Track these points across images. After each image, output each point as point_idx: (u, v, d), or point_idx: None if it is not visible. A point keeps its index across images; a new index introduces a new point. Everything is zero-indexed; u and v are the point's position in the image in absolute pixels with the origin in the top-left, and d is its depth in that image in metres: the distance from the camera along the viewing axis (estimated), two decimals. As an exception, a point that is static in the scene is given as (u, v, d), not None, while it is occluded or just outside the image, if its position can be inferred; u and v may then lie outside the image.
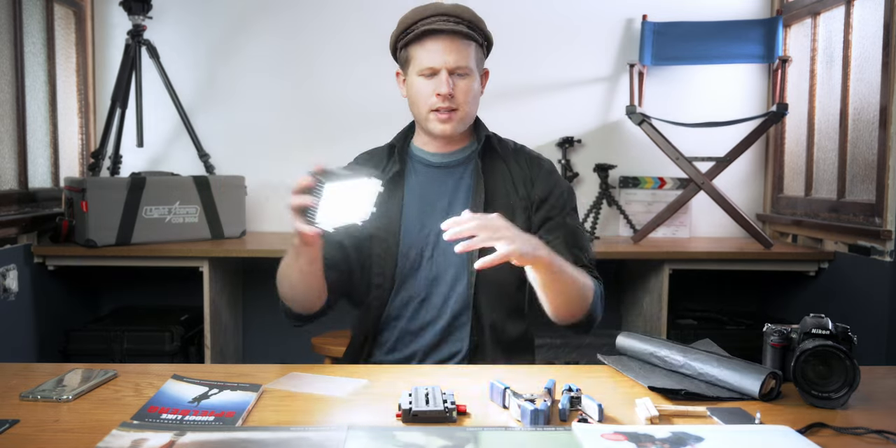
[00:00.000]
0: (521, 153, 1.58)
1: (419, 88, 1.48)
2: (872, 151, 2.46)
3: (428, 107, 1.47)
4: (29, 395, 1.12)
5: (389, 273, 1.50)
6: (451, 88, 1.44)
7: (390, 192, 1.49)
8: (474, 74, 1.48)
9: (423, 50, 1.46)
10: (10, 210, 2.59)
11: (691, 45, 3.03)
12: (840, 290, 2.61)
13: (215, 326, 2.75)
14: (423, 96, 1.47)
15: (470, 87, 1.47)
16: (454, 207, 1.50)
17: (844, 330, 1.16)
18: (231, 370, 1.29)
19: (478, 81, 1.51)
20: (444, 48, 1.45)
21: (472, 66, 1.47)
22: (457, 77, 1.46)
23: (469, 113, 1.50)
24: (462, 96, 1.46)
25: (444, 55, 1.45)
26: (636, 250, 2.77)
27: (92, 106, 3.16)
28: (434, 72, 1.46)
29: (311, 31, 3.16)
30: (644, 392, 1.17)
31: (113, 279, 3.17)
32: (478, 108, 1.54)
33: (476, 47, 1.49)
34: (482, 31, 1.51)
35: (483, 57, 1.54)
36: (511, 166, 1.55)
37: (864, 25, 2.56)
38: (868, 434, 0.99)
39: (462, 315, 1.49)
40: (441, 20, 1.45)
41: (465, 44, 1.46)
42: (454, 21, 1.46)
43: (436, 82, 1.45)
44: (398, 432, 0.97)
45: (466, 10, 1.49)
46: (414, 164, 1.57)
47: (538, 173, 1.54)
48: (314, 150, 3.15)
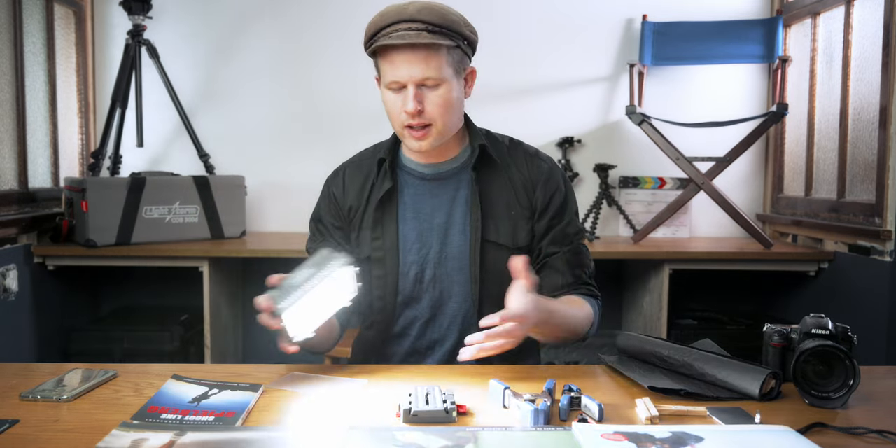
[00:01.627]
0: (517, 152, 1.48)
1: (390, 103, 1.37)
2: (872, 151, 2.46)
3: (400, 123, 1.37)
4: (29, 395, 1.11)
5: (391, 296, 1.44)
6: (418, 104, 1.32)
7: (385, 211, 1.44)
8: (448, 82, 1.35)
9: (388, 63, 1.34)
10: (10, 210, 2.59)
11: (691, 45, 3.03)
12: (840, 290, 2.61)
13: (215, 326, 2.75)
14: (394, 112, 1.37)
15: (444, 97, 1.34)
16: (452, 225, 1.43)
17: (844, 330, 1.16)
18: (231, 370, 1.29)
19: (455, 88, 1.37)
20: (406, 61, 1.31)
21: (443, 74, 1.33)
22: (427, 89, 1.34)
23: (447, 124, 1.37)
24: (435, 109, 1.34)
25: (408, 68, 1.32)
26: (636, 250, 2.77)
27: (92, 106, 3.16)
28: (401, 86, 1.34)
29: (311, 31, 3.16)
30: (644, 392, 1.17)
31: (113, 279, 3.17)
32: (461, 114, 1.42)
33: (449, 51, 1.34)
34: (455, 31, 1.34)
35: (464, 57, 1.39)
36: (511, 172, 1.45)
37: (864, 25, 2.56)
38: (868, 434, 0.99)
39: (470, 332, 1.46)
40: (401, 29, 1.31)
41: (431, 53, 1.32)
42: (417, 28, 1.31)
43: (403, 98, 1.34)
44: (398, 432, 0.97)
45: (433, 12, 1.32)
46: (405, 177, 1.46)
47: (538, 176, 1.45)
48: (314, 150, 3.15)
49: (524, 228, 1.43)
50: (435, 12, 1.33)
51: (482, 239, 1.41)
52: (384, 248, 1.43)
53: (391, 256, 1.43)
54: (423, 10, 1.33)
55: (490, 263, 1.41)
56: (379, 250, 1.43)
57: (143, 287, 3.19)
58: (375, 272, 1.44)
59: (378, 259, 1.43)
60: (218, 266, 2.77)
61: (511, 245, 1.42)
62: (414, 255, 1.43)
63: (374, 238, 1.43)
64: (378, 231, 1.43)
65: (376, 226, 1.43)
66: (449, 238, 1.43)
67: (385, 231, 1.43)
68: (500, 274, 1.34)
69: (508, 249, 1.41)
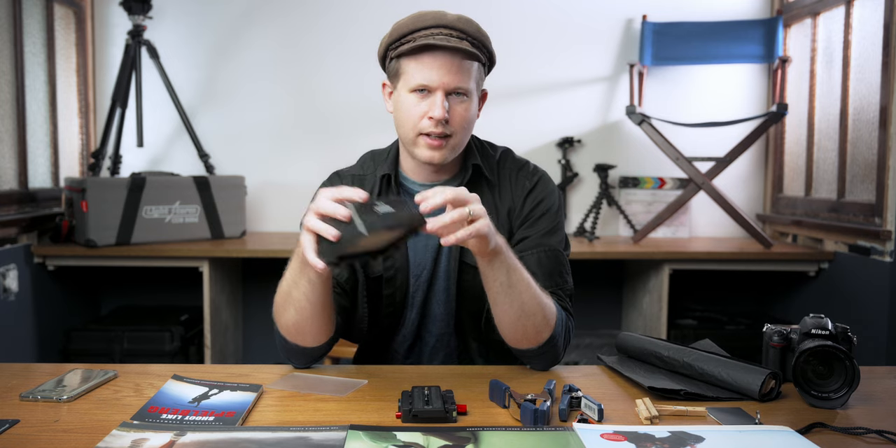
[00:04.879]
0: (504, 170, 1.42)
1: (409, 107, 1.30)
2: (872, 151, 2.46)
3: (417, 130, 1.30)
4: (29, 395, 1.11)
5: (398, 314, 1.42)
6: (445, 112, 1.28)
7: None
8: (473, 97, 1.32)
9: (419, 64, 1.28)
10: (10, 210, 2.59)
11: (691, 46, 3.03)
12: (840, 290, 2.61)
13: (215, 326, 2.75)
14: (413, 117, 1.30)
15: (467, 111, 1.31)
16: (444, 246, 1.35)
17: (844, 330, 1.16)
18: (231, 370, 1.29)
19: (475, 105, 1.34)
20: (444, 65, 1.27)
21: (471, 87, 1.30)
22: (454, 99, 1.29)
23: (462, 140, 1.33)
24: (458, 122, 1.30)
25: (442, 73, 1.27)
26: (636, 250, 2.77)
27: (92, 106, 3.16)
28: (429, 91, 1.29)
29: (311, 32, 3.16)
30: (644, 392, 1.17)
31: (113, 279, 3.17)
32: (471, 134, 1.38)
33: (478, 67, 1.32)
34: (487, 49, 1.33)
35: (483, 77, 1.37)
36: (502, 191, 1.41)
37: (863, 25, 2.56)
38: (868, 434, 0.99)
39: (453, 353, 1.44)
40: (443, 34, 1.28)
41: (467, 63, 1.29)
42: (458, 36, 1.28)
43: (430, 103, 1.28)
44: (398, 432, 0.97)
45: (472, 24, 1.31)
46: (403, 195, 1.41)
47: (520, 195, 1.40)
48: (314, 150, 3.15)
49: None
50: (473, 25, 1.31)
51: (460, 260, 1.39)
52: (395, 267, 1.41)
53: (402, 275, 1.40)
54: (462, 19, 1.30)
55: (467, 283, 1.39)
56: (390, 269, 1.41)
57: (143, 287, 3.19)
58: (386, 291, 1.42)
59: (389, 278, 1.41)
60: (218, 266, 2.77)
61: None
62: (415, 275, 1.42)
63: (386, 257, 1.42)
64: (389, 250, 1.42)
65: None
66: (440, 258, 1.42)
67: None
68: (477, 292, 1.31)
69: None
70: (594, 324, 3.13)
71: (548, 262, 1.34)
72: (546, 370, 1.29)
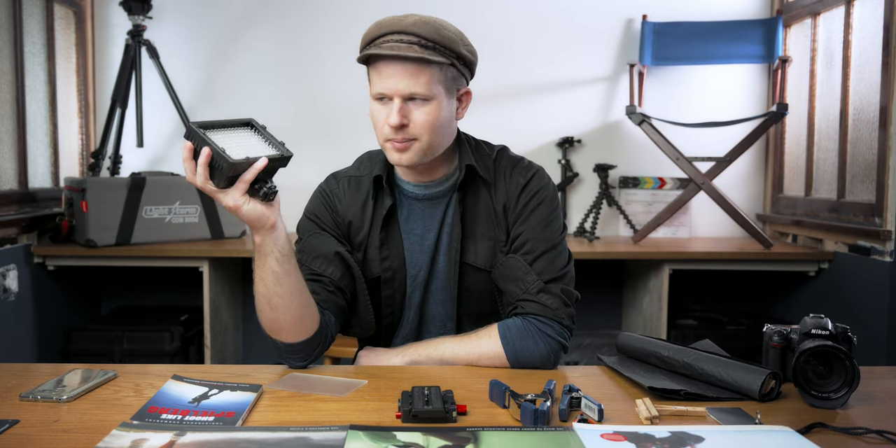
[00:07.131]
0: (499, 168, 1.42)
1: (374, 114, 1.34)
2: (872, 151, 2.46)
3: (384, 136, 1.32)
4: (29, 395, 1.11)
5: (398, 314, 1.45)
6: (402, 118, 1.28)
7: (389, 231, 1.42)
8: (438, 99, 1.30)
9: (376, 73, 1.31)
10: (10, 210, 2.59)
11: (691, 46, 3.03)
12: (840, 290, 2.61)
13: (215, 326, 2.75)
14: (378, 124, 1.33)
15: (431, 115, 1.29)
16: (441, 246, 1.42)
17: (844, 330, 1.16)
18: (231, 370, 1.29)
19: (445, 106, 1.32)
20: (397, 73, 1.27)
21: (431, 91, 1.29)
22: (414, 104, 1.29)
23: (433, 143, 1.32)
24: (421, 126, 1.29)
25: (395, 81, 1.28)
26: (636, 250, 2.77)
27: (92, 106, 3.16)
28: (387, 98, 1.30)
29: (311, 32, 3.16)
30: (644, 392, 1.17)
31: (113, 279, 3.17)
32: (450, 134, 1.37)
33: (441, 69, 1.30)
34: (450, 48, 1.30)
35: (458, 76, 1.34)
36: (497, 189, 1.41)
37: (863, 25, 2.56)
38: (868, 434, 0.99)
39: None
40: (394, 41, 1.27)
41: (420, 68, 1.27)
42: (408, 41, 1.27)
43: (387, 110, 1.30)
44: (398, 432, 0.97)
45: (428, 26, 1.28)
46: (399, 196, 1.43)
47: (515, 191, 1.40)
48: (314, 150, 3.15)
49: (501, 254, 1.40)
50: (430, 27, 1.29)
51: (461, 261, 1.40)
52: (392, 268, 1.42)
53: (399, 276, 1.42)
54: (418, 23, 1.29)
55: (469, 283, 1.41)
56: (388, 270, 1.42)
57: (142, 287, 3.19)
58: (385, 292, 1.43)
59: (387, 280, 1.43)
60: (218, 266, 2.77)
61: (488, 268, 1.40)
62: (412, 275, 1.43)
63: (383, 258, 1.43)
64: (385, 251, 1.42)
65: (383, 246, 1.42)
66: (437, 258, 1.43)
67: (392, 251, 1.43)
68: (479, 293, 1.39)
69: (486, 272, 1.40)
70: (594, 324, 3.13)
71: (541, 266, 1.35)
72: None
